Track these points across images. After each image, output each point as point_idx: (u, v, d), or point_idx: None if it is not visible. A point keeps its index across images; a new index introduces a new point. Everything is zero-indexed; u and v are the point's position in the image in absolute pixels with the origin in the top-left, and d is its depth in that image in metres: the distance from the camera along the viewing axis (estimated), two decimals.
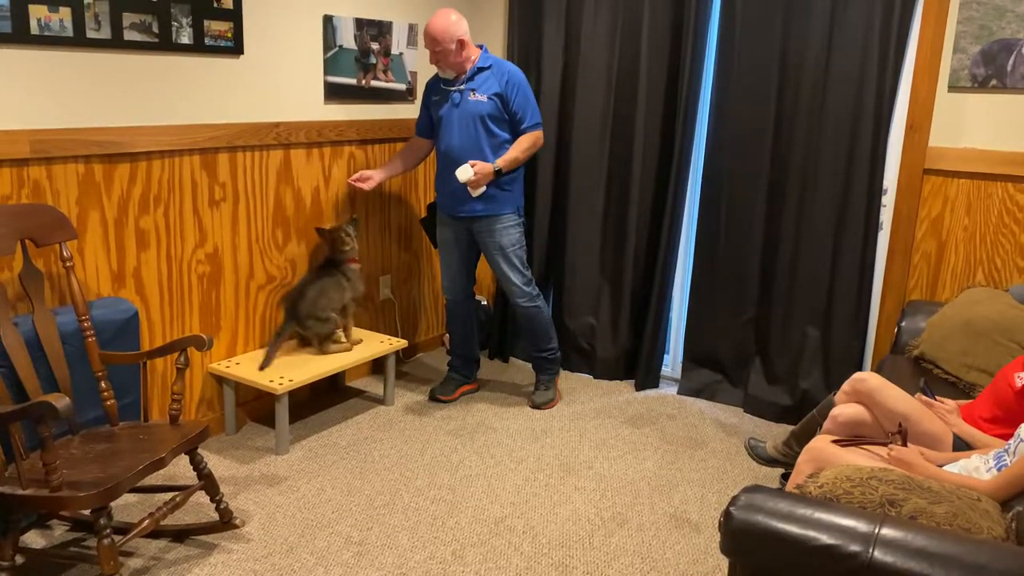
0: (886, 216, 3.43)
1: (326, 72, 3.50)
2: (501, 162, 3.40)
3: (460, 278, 3.70)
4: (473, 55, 3.43)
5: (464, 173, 3.34)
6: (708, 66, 3.68)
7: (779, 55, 3.47)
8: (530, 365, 3.92)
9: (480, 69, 3.42)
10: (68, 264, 2.54)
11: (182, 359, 2.56)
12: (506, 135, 3.44)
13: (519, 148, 3.44)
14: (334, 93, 3.55)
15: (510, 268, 3.56)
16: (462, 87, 3.41)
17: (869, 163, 3.35)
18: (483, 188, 3.40)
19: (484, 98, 3.38)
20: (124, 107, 2.81)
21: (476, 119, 3.39)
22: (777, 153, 3.55)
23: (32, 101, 2.57)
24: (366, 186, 3.54)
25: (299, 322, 3.40)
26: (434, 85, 3.52)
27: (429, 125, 3.58)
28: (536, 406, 3.72)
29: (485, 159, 3.39)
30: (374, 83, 3.75)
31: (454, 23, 3.33)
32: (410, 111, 3.97)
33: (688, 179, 3.79)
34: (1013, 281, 3.21)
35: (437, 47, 3.35)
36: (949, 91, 3.21)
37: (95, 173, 2.77)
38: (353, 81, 3.64)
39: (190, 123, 3.01)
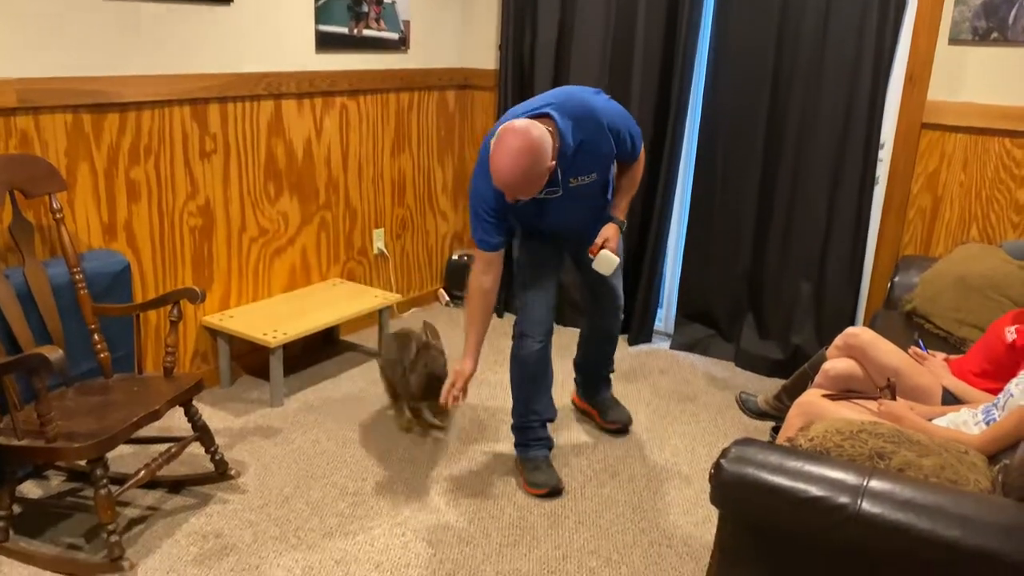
0: (882, 171, 3.42)
1: (317, 21, 3.43)
2: (621, 215, 2.74)
3: (552, 312, 2.75)
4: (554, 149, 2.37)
5: (611, 264, 2.65)
6: (706, 19, 3.62)
7: (779, 5, 3.41)
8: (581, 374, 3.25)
9: (565, 156, 2.42)
10: (58, 216, 2.51)
11: (175, 312, 2.55)
12: (614, 171, 2.75)
13: (632, 190, 2.77)
14: (325, 42, 3.49)
15: (618, 278, 2.92)
16: (557, 186, 2.50)
17: (867, 117, 3.32)
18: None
19: (590, 178, 2.59)
20: (112, 56, 2.76)
21: (591, 196, 2.68)
22: (775, 108, 3.52)
23: (18, 49, 2.52)
24: (465, 394, 2.63)
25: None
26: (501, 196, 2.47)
27: (506, 235, 2.62)
28: (625, 424, 3.13)
29: (603, 220, 2.72)
30: (366, 32, 3.68)
31: (542, 149, 2.27)
32: (403, 61, 3.92)
33: (684, 133, 3.76)
34: (1007, 237, 3.21)
35: (531, 191, 2.36)
36: (949, 44, 3.17)
37: (84, 123, 2.73)
38: (345, 30, 3.57)
39: (179, 73, 2.96)
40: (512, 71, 4.03)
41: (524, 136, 2.24)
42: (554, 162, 2.34)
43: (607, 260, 2.65)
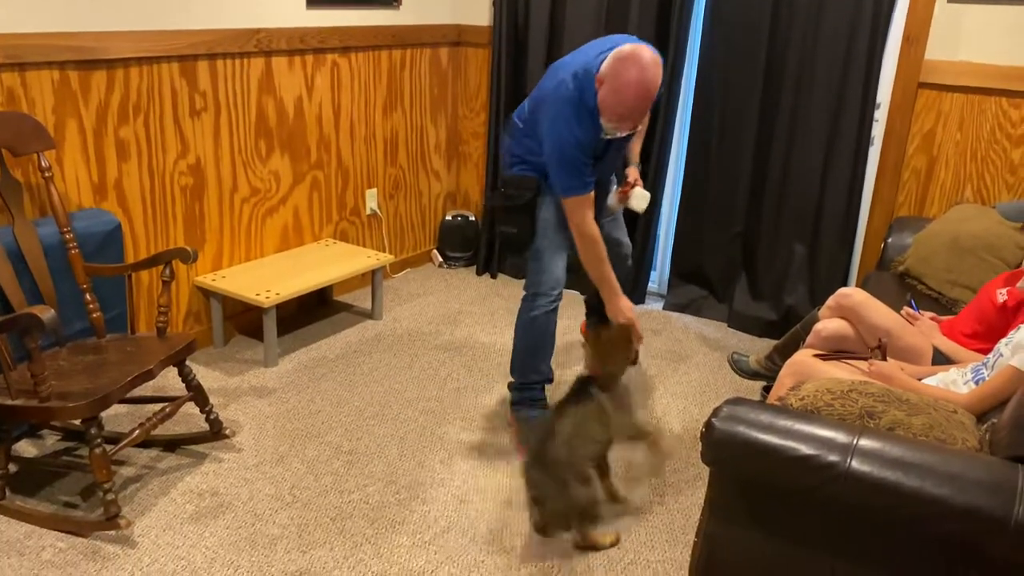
0: (878, 131, 3.40)
1: None
2: (637, 158, 2.96)
3: (566, 273, 2.77)
4: None
5: (645, 199, 2.84)
6: None
7: None
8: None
9: None
10: (47, 175, 2.48)
11: (167, 272, 2.54)
12: None
13: (643, 135, 2.99)
14: None
15: (623, 229, 3.05)
16: None
17: (864, 76, 3.29)
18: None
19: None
20: (98, 11, 2.71)
21: (624, 147, 2.79)
22: (771, 67, 3.48)
23: (3, 4, 2.46)
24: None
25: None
26: (595, 136, 2.50)
27: None
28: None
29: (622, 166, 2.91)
30: None
31: (660, 66, 2.39)
32: (395, 17, 3.85)
33: (680, 92, 3.72)
34: (1001, 198, 3.20)
35: (645, 114, 2.47)
36: (948, 2, 3.13)
37: (71, 80, 2.69)
38: None
39: (168, 29, 2.91)
40: (506, 27, 3.97)
41: (649, 54, 2.32)
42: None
43: (642, 196, 2.77)
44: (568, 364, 3.33)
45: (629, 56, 2.33)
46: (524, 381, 2.81)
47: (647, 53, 2.33)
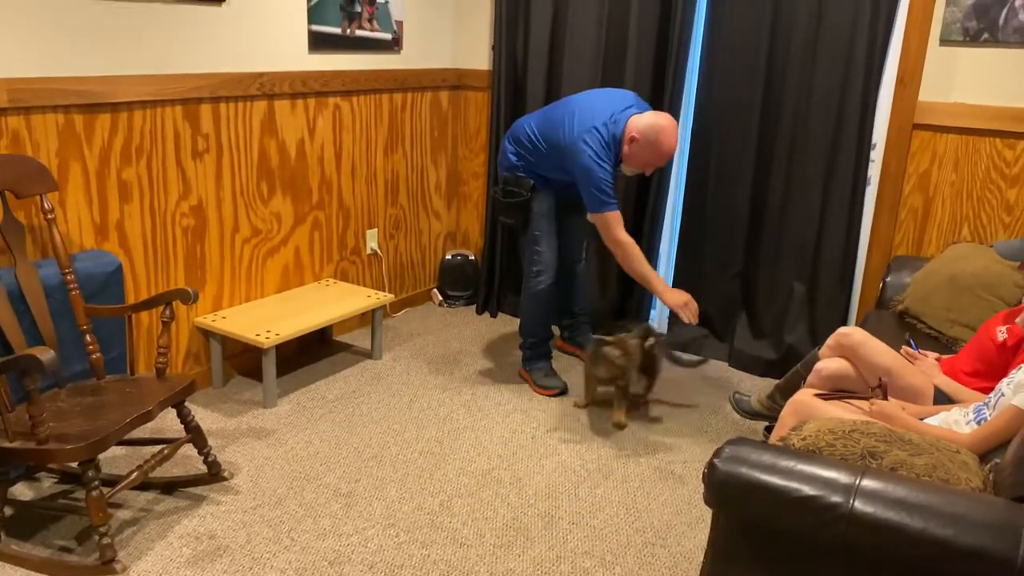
0: (874, 171, 3.43)
1: (310, 21, 3.43)
2: None
3: (556, 253, 3.45)
4: None
5: None
6: (699, 20, 3.63)
7: (771, 6, 3.42)
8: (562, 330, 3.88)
9: None
10: (50, 216, 2.50)
11: (167, 312, 2.55)
12: None
13: None
14: (318, 43, 3.49)
15: (581, 235, 3.62)
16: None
17: (859, 117, 3.33)
18: None
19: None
20: (104, 56, 2.75)
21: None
22: (767, 107, 3.53)
23: (9, 49, 2.50)
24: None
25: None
26: (612, 171, 3.18)
27: None
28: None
29: None
30: (359, 32, 3.68)
31: None
32: (396, 62, 3.91)
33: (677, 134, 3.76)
34: (998, 237, 3.22)
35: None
36: (941, 45, 3.18)
37: (75, 123, 2.72)
38: (338, 30, 3.57)
39: (171, 73, 2.95)
40: (505, 71, 4.03)
41: (673, 120, 3.10)
42: None
43: None
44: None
45: (664, 121, 3.06)
46: (533, 340, 3.52)
47: (674, 124, 3.09)
